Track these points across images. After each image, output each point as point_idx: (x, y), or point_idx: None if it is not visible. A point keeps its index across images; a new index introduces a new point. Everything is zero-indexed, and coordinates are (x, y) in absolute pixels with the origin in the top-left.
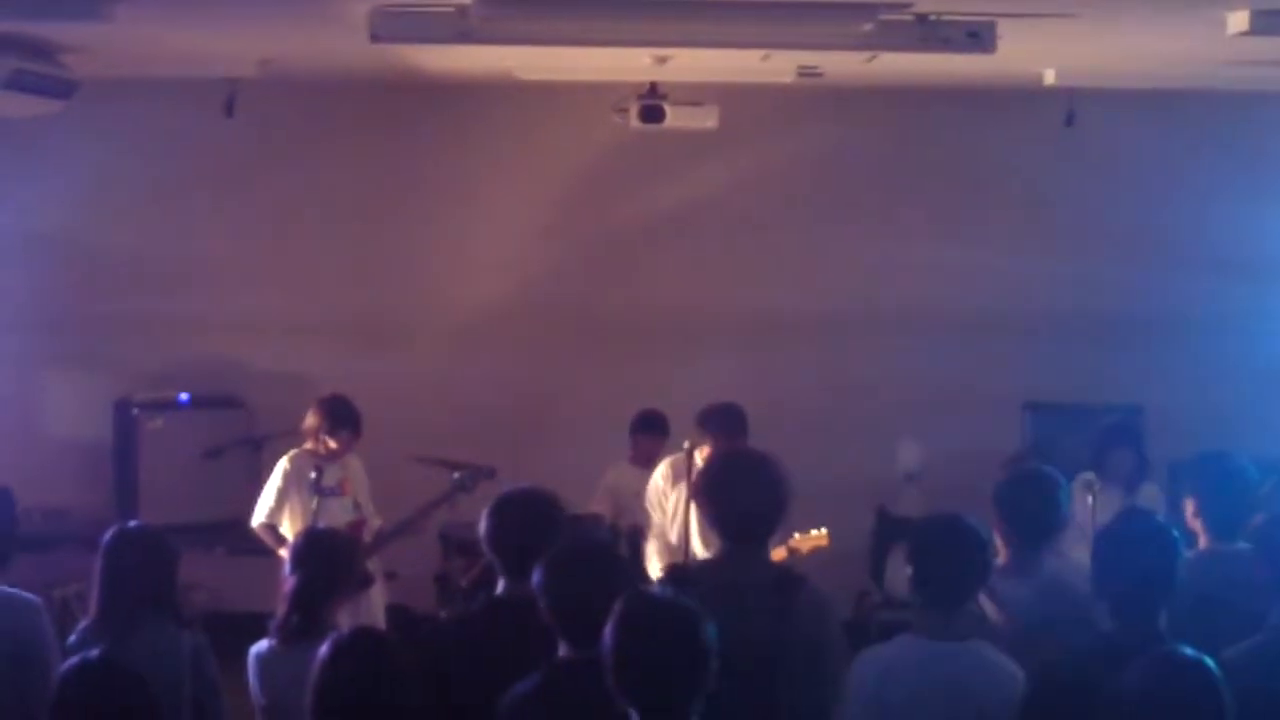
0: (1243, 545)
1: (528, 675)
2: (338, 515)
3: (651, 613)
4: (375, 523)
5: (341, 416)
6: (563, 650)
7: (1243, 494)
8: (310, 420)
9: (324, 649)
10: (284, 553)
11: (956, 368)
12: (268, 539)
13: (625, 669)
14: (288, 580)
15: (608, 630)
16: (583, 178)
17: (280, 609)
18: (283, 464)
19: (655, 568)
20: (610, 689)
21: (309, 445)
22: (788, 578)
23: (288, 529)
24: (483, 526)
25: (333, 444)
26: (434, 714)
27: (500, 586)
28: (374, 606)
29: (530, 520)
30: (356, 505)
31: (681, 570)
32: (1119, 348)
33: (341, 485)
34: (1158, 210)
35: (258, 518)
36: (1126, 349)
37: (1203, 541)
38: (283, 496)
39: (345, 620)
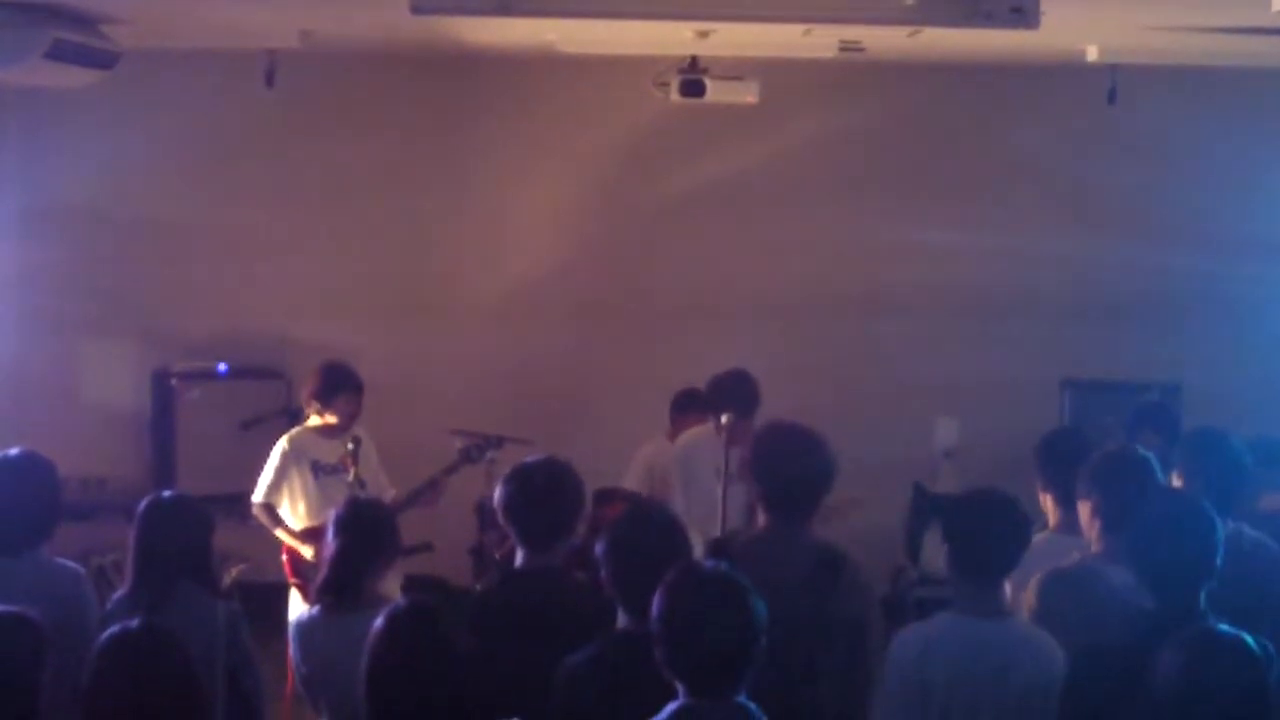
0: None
1: (553, 648)
2: (338, 494)
3: (701, 586)
4: (388, 495)
5: (337, 380)
6: (622, 621)
7: (1233, 471)
8: (306, 391)
9: (379, 621)
10: (280, 533)
11: (995, 345)
12: (264, 519)
13: (673, 642)
14: (327, 546)
15: (656, 603)
16: (622, 151)
17: (320, 575)
18: (282, 444)
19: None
20: (659, 661)
21: (312, 422)
22: (831, 554)
23: (287, 510)
24: (497, 497)
25: (331, 418)
26: (485, 685)
27: (519, 558)
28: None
29: (546, 491)
30: (361, 483)
31: (723, 544)
32: (1158, 326)
33: (343, 463)
34: (1199, 189)
35: (256, 497)
36: (1165, 327)
37: None
38: (280, 476)
39: (394, 589)
